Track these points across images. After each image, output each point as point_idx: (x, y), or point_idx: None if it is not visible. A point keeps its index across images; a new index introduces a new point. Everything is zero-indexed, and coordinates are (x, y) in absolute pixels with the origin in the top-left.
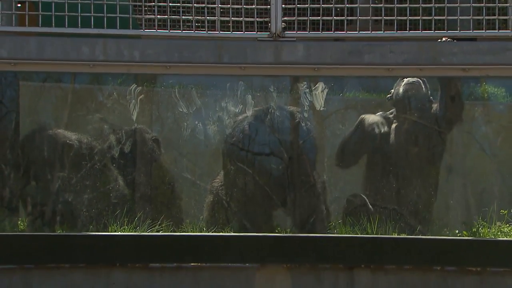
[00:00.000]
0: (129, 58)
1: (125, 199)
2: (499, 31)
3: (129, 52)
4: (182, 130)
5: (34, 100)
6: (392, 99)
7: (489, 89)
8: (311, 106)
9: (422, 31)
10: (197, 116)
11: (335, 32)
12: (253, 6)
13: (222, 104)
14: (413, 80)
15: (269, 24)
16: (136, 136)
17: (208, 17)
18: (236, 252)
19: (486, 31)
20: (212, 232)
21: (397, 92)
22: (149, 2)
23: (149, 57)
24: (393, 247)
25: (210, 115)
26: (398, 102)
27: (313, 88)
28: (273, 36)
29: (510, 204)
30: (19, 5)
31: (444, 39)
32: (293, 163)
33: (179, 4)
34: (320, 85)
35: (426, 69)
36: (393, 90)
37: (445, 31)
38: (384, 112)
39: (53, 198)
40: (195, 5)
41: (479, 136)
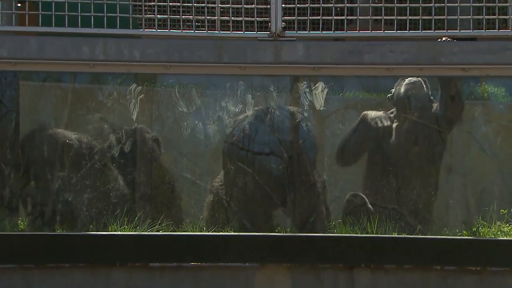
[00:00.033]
0: (129, 57)
1: (125, 198)
2: (499, 30)
3: (129, 51)
4: (182, 129)
5: (34, 99)
6: (393, 99)
7: (489, 88)
8: (311, 105)
9: (422, 31)
10: (197, 116)
11: (335, 32)
12: (253, 5)
13: (222, 104)
14: (414, 80)
15: (269, 24)
16: (136, 136)
17: (208, 17)
18: (236, 252)
19: (486, 30)
20: (212, 232)
21: (398, 92)
22: (149, 2)
23: (149, 56)
24: (393, 247)
25: (210, 115)
26: (399, 102)
27: (313, 88)
28: (273, 36)
29: (510, 204)
30: (19, 4)
31: (444, 38)
32: (293, 162)
33: (179, 4)
34: (320, 85)
35: (426, 68)
36: (394, 89)
37: (445, 30)
38: (384, 112)
39: (53, 198)
40: (195, 4)
41: (479, 135)
